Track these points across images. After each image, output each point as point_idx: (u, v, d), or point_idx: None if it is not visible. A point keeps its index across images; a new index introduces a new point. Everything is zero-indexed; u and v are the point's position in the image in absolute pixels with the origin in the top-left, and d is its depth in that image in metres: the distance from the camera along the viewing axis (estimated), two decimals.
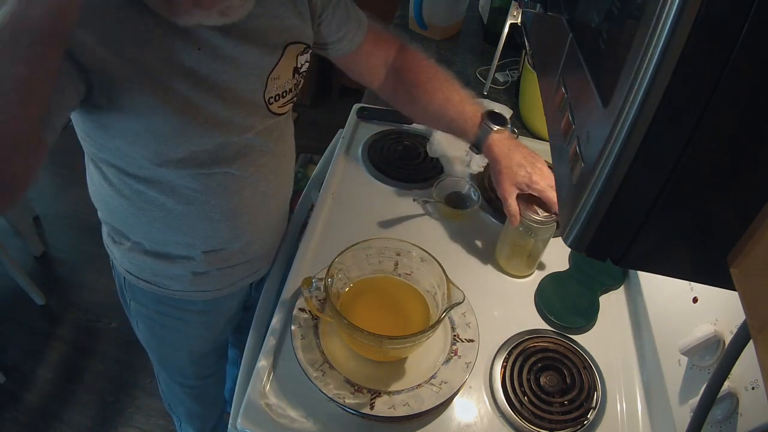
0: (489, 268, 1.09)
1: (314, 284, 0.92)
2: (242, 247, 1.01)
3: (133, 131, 0.80)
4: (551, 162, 0.71)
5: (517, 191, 0.99)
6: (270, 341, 0.92)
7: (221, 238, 0.97)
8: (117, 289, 1.13)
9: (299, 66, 0.91)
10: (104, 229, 1.04)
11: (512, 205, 0.99)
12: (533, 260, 1.05)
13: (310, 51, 0.93)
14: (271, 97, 0.89)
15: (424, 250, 0.91)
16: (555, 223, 0.98)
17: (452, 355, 0.90)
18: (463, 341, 0.91)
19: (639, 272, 1.02)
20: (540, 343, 0.96)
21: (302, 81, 0.94)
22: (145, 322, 1.13)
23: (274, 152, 0.95)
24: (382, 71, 1.09)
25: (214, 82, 0.80)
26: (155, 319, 1.11)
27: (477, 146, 1.05)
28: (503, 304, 1.02)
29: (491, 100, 1.34)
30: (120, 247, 1.00)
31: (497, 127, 1.03)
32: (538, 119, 1.39)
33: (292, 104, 0.95)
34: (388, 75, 1.09)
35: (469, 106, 1.05)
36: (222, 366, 1.35)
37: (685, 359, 0.78)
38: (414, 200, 1.18)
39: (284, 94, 0.91)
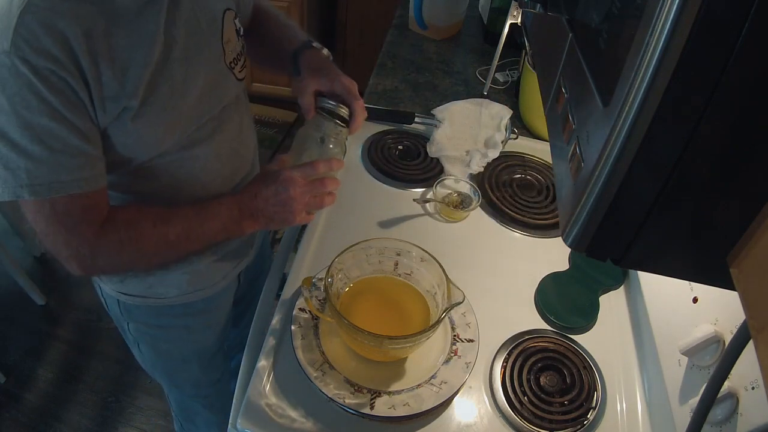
0: (489, 268, 1.09)
1: (314, 284, 0.92)
2: None
3: (126, 135, 0.80)
4: (551, 162, 0.71)
5: (314, 89, 0.94)
6: (270, 341, 0.92)
7: None
8: (112, 317, 1.11)
9: (238, 29, 0.93)
10: None
11: (307, 99, 0.94)
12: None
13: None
14: (231, 62, 0.90)
15: (424, 250, 0.91)
16: (344, 127, 0.93)
17: (452, 355, 0.90)
18: (463, 341, 0.91)
19: (639, 272, 1.02)
20: (540, 343, 0.96)
21: (245, 45, 0.96)
22: (148, 341, 1.12)
23: (242, 125, 0.97)
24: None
25: (185, 58, 0.81)
26: (158, 336, 1.10)
27: (294, 70, 1.00)
28: (503, 304, 1.02)
29: (491, 100, 1.34)
30: None
31: (316, 44, 1.01)
32: (538, 119, 1.39)
33: (247, 69, 0.96)
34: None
35: (291, 39, 1.03)
36: (229, 364, 1.34)
37: (685, 359, 0.78)
38: (414, 200, 1.18)
39: (239, 58, 0.93)
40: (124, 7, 0.74)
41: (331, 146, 0.92)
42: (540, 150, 1.34)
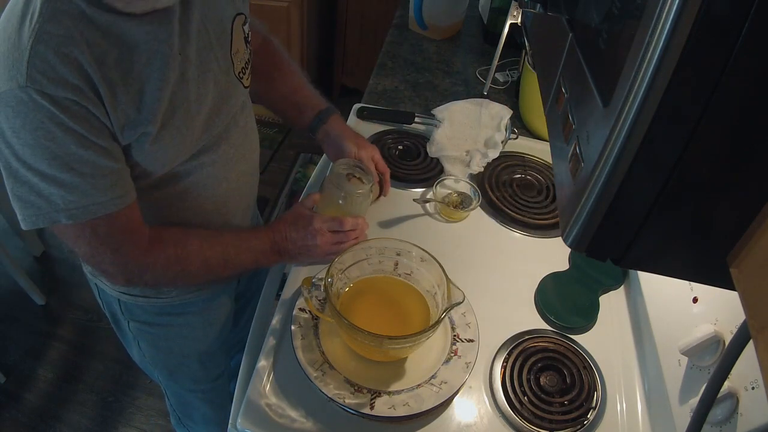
0: (489, 268, 1.09)
1: (314, 284, 0.92)
2: None
3: (144, 157, 0.80)
4: (551, 162, 0.71)
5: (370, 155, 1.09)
6: (270, 341, 0.92)
7: (213, 228, 0.97)
8: (109, 317, 1.12)
9: (246, 35, 0.93)
10: None
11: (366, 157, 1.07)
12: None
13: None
14: (239, 72, 0.91)
15: (424, 250, 0.91)
16: (367, 190, 1.02)
17: (452, 355, 0.90)
18: (463, 341, 0.91)
19: (639, 272, 1.02)
20: (540, 343, 0.96)
21: (252, 51, 0.97)
22: (147, 339, 1.12)
23: (246, 129, 0.97)
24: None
25: (198, 74, 0.81)
26: (158, 334, 1.10)
27: (313, 126, 1.12)
28: (503, 304, 1.02)
29: (491, 100, 1.34)
30: None
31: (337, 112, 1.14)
32: (538, 119, 1.39)
33: (251, 76, 0.98)
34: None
35: (314, 98, 1.15)
36: (229, 362, 1.35)
37: (685, 359, 0.78)
38: (414, 200, 1.18)
39: (246, 66, 0.94)
40: (134, 33, 0.72)
41: (358, 201, 1.01)
42: (540, 150, 1.34)
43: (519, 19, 1.36)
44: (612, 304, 1.05)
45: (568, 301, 1.03)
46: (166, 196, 0.88)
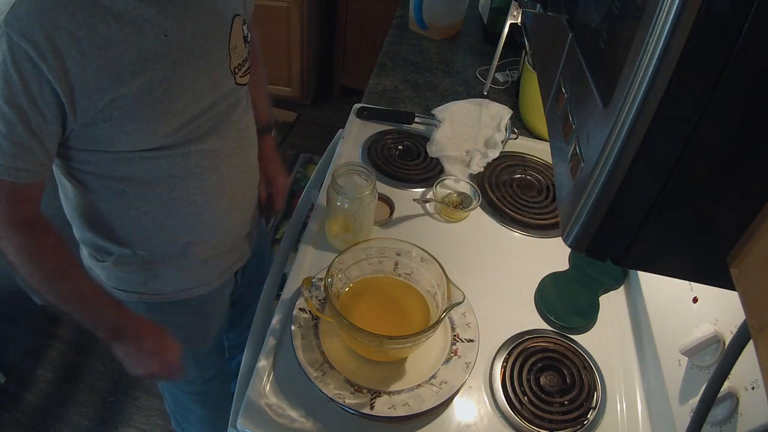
0: (489, 268, 1.09)
1: (314, 284, 0.92)
2: (225, 232, 1.02)
3: (115, 127, 0.81)
4: (551, 162, 0.71)
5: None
6: (270, 341, 0.92)
7: (206, 223, 0.97)
8: None
9: (246, 35, 0.95)
10: (84, 251, 1.04)
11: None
12: (351, 226, 1.05)
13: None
14: (235, 67, 0.92)
15: (424, 250, 0.91)
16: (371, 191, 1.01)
17: (452, 355, 0.90)
18: (463, 341, 0.91)
19: (639, 272, 1.02)
20: (540, 343, 0.96)
21: (250, 50, 0.99)
22: None
23: (240, 125, 0.98)
24: None
25: (187, 60, 0.83)
26: None
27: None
28: (503, 304, 1.02)
29: (491, 100, 1.34)
30: (104, 265, 1.00)
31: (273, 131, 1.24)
32: (538, 119, 1.39)
33: (249, 75, 0.99)
34: None
35: (264, 107, 1.20)
36: (224, 365, 1.34)
37: (685, 359, 0.78)
38: (414, 200, 1.18)
39: (243, 63, 0.95)
40: (121, 4, 0.74)
41: (365, 203, 1.01)
42: (540, 150, 1.34)
43: (519, 19, 1.36)
44: (612, 304, 1.05)
45: (568, 301, 1.03)
46: (153, 180, 0.89)
